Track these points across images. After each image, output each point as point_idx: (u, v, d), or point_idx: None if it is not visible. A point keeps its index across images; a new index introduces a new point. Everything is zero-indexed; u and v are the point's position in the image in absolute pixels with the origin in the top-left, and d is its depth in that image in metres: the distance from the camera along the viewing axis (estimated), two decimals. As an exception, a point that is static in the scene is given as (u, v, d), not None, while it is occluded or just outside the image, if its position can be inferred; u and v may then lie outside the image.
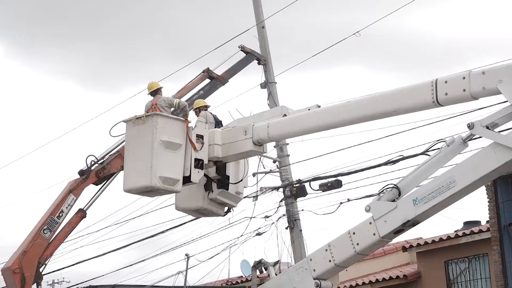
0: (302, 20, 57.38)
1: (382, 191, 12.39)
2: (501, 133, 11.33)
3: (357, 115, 12.99)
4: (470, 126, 11.47)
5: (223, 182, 15.06)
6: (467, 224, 28.86)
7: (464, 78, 11.49)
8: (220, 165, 14.87)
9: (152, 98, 15.47)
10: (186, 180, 14.21)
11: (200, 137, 14.33)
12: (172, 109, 15.14)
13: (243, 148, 14.32)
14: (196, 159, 14.20)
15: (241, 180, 15.33)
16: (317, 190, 19.90)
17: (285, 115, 14.43)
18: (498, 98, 11.58)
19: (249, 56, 20.90)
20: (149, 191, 14.40)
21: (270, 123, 14.16)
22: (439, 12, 64.84)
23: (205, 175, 14.67)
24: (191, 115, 15.77)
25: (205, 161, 14.35)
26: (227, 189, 15.10)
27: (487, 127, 11.34)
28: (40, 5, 67.55)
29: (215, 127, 15.17)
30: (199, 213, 15.66)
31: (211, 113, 15.73)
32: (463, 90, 11.50)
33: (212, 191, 15.04)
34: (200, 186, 14.93)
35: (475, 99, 11.62)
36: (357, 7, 61.70)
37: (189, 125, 14.52)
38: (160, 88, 15.68)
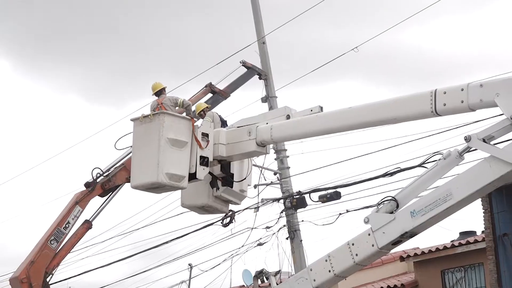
0: (301, 36, 57.44)
1: (381, 203, 12.34)
2: (497, 146, 11.27)
3: (358, 121, 13.01)
4: (467, 138, 11.43)
5: (228, 180, 15.08)
6: (463, 234, 28.86)
7: (462, 89, 11.47)
8: (225, 164, 14.91)
9: (156, 98, 15.49)
10: (192, 177, 14.25)
11: (205, 135, 14.40)
12: (177, 107, 15.15)
13: (247, 149, 14.38)
14: (201, 157, 14.25)
15: (245, 178, 15.30)
16: (317, 201, 19.94)
17: (288, 115, 14.40)
18: (495, 111, 11.55)
19: (251, 71, 20.92)
20: (156, 188, 14.39)
21: (273, 125, 14.20)
22: (436, 28, 64.97)
23: (210, 173, 14.68)
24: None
25: (210, 159, 14.38)
26: (232, 187, 15.12)
27: (484, 140, 11.28)
28: (46, 22, 67.67)
29: (221, 127, 15.20)
30: (204, 210, 15.61)
31: (216, 113, 15.74)
32: (461, 102, 11.48)
33: (218, 189, 15.03)
34: (205, 183, 14.95)
35: (472, 110, 11.60)
36: (356, 23, 61.77)
37: (195, 123, 14.55)
38: (164, 87, 15.68)
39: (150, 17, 65.56)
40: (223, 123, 15.55)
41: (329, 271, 12.73)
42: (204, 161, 14.24)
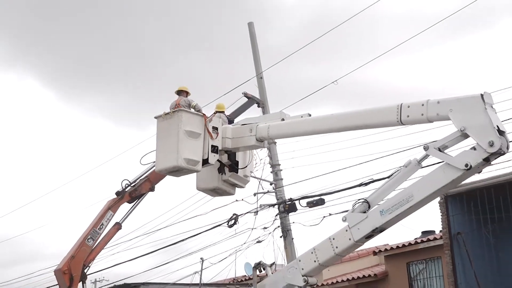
0: (292, 71, 57.68)
1: (355, 204, 12.25)
2: (450, 154, 11.16)
3: (338, 125, 12.86)
4: (426, 148, 11.32)
5: (233, 167, 15.02)
6: (424, 233, 28.83)
7: (423, 105, 11.36)
8: (231, 154, 14.85)
9: (177, 97, 15.48)
10: (205, 162, 14.18)
11: (215, 128, 14.36)
12: (191, 109, 15.14)
13: (248, 143, 14.32)
14: (212, 146, 14.19)
15: (247, 166, 15.24)
16: (305, 206, 19.87)
17: (283, 118, 14.33)
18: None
19: (251, 100, 20.88)
20: (176, 171, 14.22)
21: (270, 125, 14.11)
22: (404, 64, 65.27)
23: (219, 160, 14.63)
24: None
25: (220, 147, 14.34)
26: (237, 172, 15.06)
27: (439, 149, 11.17)
28: (81, 58, 68.11)
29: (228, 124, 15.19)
30: (215, 192, 15.45)
31: (224, 115, 15.70)
32: (421, 114, 11.37)
33: (225, 174, 14.97)
34: (216, 170, 14.88)
35: (430, 122, 11.47)
36: (334, 61, 62.11)
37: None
38: (187, 92, 15.58)
39: (166, 55, 65.84)
40: (230, 122, 15.54)
41: (315, 261, 12.64)
42: (214, 149, 14.22)
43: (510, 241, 22.69)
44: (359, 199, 12.23)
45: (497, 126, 10.62)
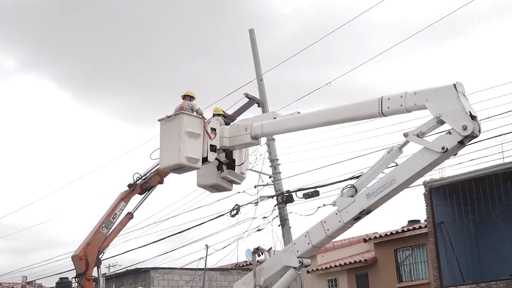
0: (290, 74, 57.65)
1: (344, 189, 12.13)
2: (427, 140, 11.11)
3: (325, 120, 12.80)
4: (405, 134, 11.27)
5: (231, 164, 14.95)
6: (411, 222, 28.88)
7: (401, 96, 11.33)
8: (228, 152, 14.79)
9: (182, 100, 15.42)
10: (204, 160, 14.13)
11: (213, 129, 14.32)
12: (194, 112, 15.07)
13: (244, 141, 14.26)
14: (211, 145, 14.15)
15: (243, 163, 15.17)
16: (301, 198, 19.86)
17: (275, 117, 14.29)
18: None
19: (251, 100, 20.77)
20: (178, 168, 14.15)
21: (263, 123, 14.08)
22: (390, 67, 65.24)
23: (217, 159, 14.57)
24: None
25: (218, 147, 14.29)
26: (234, 170, 15.01)
27: (418, 135, 11.13)
28: (95, 63, 68.36)
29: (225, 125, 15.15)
30: (214, 188, 15.38)
31: (222, 118, 15.66)
32: (400, 105, 11.33)
33: (223, 171, 14.92)
34: (214, 168, 14.82)
35: (409, 112, 11.43)
36: (328, 64, 62.11)
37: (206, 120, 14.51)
38: (192, 96, 15.51)
39: (175, 59, 65.89)
40: (227, 124, 15.52)
41: (308, 243, 12.50)
42: (213, 148, 14.19)
43: (488, 229, 22.72)
44: (347, 185, 12.14)
45: (469, 111, 10.60)
